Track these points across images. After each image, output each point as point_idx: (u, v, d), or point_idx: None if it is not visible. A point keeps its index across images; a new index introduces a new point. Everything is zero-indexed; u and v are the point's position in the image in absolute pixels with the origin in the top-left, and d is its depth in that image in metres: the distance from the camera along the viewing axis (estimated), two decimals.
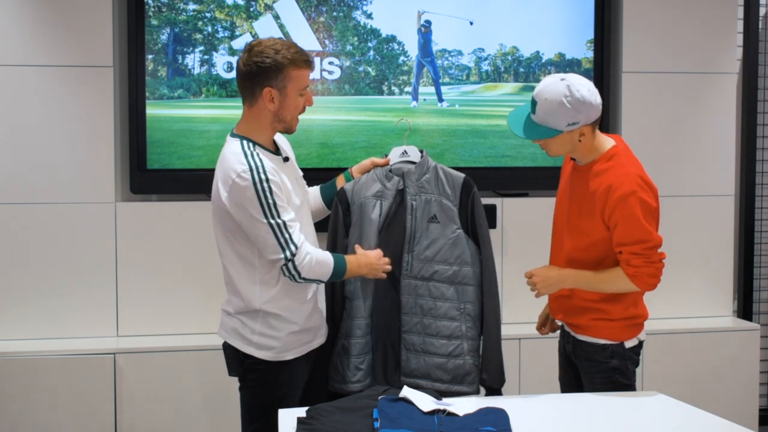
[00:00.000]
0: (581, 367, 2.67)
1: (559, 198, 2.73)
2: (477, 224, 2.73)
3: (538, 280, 2.61)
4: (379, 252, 2.68)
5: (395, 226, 2.73)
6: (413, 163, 2.76)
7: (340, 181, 2.87)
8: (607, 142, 2.58)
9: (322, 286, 2.69)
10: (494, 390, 2.76)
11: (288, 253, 2.44)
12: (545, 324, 2.88)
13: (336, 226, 2.76)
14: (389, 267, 2.69)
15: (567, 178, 2.69)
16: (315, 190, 2.87)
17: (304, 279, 2.49)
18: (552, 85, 2.47)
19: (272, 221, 2.42)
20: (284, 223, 2.44)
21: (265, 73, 2.48)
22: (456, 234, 2.71)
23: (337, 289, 2.76)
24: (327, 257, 2.54)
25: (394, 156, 2.79)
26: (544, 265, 2.68)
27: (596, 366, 2.61)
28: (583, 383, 2.67)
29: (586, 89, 2.46)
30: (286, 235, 2.44)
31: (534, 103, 2.51)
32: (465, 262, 2.71)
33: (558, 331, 2.84)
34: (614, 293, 2.57)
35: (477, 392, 2.72)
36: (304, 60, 2.51)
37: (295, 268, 2.46)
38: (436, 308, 2.70)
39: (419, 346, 2.71)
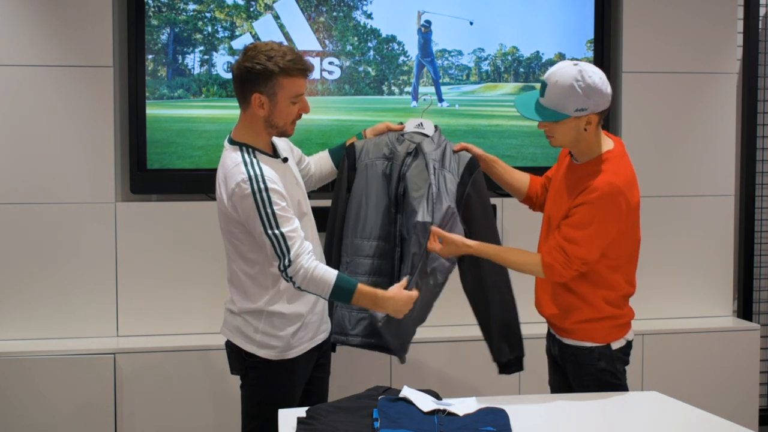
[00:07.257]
0: (568, 369, 2.66)
1: (552, 189, 2.72)
2: (473, 201, 2.74)
3: (445, 247, 2.61)
4: (409, 295, 2.57)
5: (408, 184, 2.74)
6: (426, 135, 2.79)
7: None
8: (605, 144, 2.56)
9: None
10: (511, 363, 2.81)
11: (281, 265, 2.43)
12: None
13: (341, 180, 2.82)
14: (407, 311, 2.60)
15: (563, 172, 2.66)
16: (324, 155, 2.89)
17: (299, 289, 2.48)
18: (564, 68, 2.46)
19: (269, 232, 2.41)
20: (282, 234, 2.42)
21: (254, 79, 2.46)
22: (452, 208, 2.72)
23: (334, 241, 2.83)
24: (327, 277, 2.46)
25: (410, 126, 2.84)
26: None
27: (584, 368, 2.60)
28: (572, 386, 2.65)
29: (598, 77, 2.45)
30: (284, 247, 2.42)
31: (544, 86, 2.49)
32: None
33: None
34: (592, 292, 2.56)
35: None
36: (298, 69, 2.47)
37: (290, 278, 2.45)
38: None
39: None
